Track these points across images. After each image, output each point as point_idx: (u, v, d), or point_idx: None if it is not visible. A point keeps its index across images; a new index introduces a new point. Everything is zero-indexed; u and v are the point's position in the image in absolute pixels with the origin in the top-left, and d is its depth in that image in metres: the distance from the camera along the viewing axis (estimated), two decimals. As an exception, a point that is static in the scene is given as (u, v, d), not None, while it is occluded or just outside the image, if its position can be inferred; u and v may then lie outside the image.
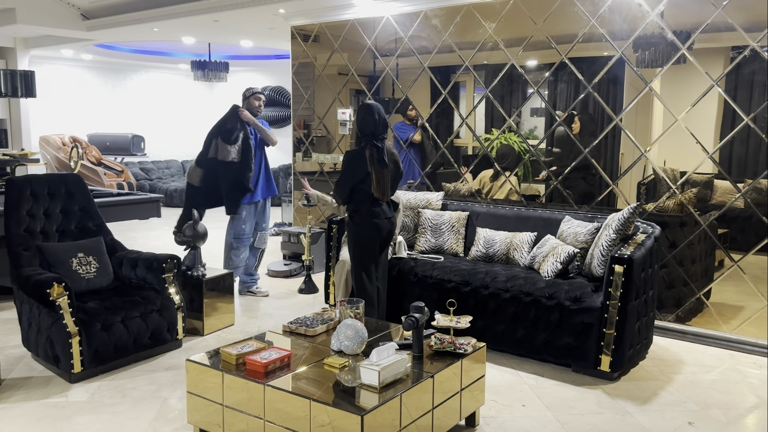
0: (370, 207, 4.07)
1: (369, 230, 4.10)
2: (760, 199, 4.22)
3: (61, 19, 8.10)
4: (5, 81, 8.69)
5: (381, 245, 4.21)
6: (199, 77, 10.18)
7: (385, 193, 4.08)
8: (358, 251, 4.16)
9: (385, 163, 4.03)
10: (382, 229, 4.12)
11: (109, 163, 11.27)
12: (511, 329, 4.05)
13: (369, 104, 4.11)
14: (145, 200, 6.17)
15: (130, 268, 4.26)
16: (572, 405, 3.45)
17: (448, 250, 4.88)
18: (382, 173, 4.04)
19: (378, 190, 4.03)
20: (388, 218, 4.14)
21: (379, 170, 4.03)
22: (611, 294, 3.66)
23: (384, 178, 4.05)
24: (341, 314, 3.33)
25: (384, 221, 4.12)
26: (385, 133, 4.08)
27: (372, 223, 4.08)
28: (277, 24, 7.13)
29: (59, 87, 11.85)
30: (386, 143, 4.11)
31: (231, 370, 2.81)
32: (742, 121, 4.23)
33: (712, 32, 4.29)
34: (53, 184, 4.34)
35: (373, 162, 4.01)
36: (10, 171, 7.46)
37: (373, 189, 4.02)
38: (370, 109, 4.06)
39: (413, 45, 5.82)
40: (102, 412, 3.33)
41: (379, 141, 4.04)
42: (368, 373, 2.62)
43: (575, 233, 4.24)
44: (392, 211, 4.23)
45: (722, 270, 4.43)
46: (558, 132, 5.13)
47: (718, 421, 3.28)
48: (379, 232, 4.12)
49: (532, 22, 5.03)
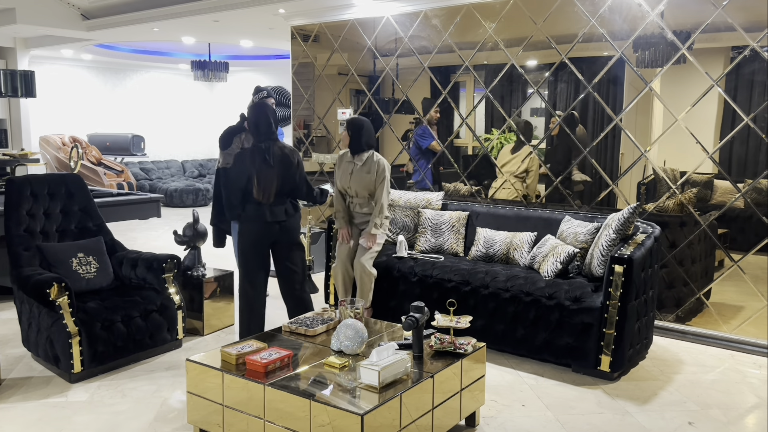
0: (253, 210, 3.91)
1: (248, 233, 3.95)
2: (760, 199, 4.22)
3: (61, 19, 8.10)
4: (5, 81, 8.69)
5: (274, 248, 4.01)
6: (199, 77, 10.19)
7: (267, 195, 3.87)
8: (239, 255, 4.04)
9: (269, 163, 3.87)
10: (266, 232, 3.92)
11: (109, 163, 11.27)
12: (511, 329, 4.05)
13: (257, 104, 4.06)
14: (145, 200, 6.17)
15: (130, 268, 4.26)
16: (572, 405, 3.45)
17: (448, 249, 4.88)
18: (266, 174, 3.87)
19: (258, 192, 3.87)
20: (277, 222, 3.91)
21: (264, 171, 3.86)
22: (611, 294, 3.66)
23: (267, 179, 3.86)
24: (341, 314, 3.34)
25: (269, 225, 3.90)
26: (272, 134, 3.93)
27: (250, 227, 3.93)
28: (277, 24, 7.13)
29: (59, 87, 11.86)
30: (278, 143, 3.96)
31: (231, 370, 2.81)
32: (742, 121, 4.23)
33: (712, 32, 4.29)
34: (53, 184, 4.34)
35: (255, 163, 3.87)
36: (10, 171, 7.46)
37: (254, 191, 3.88)
38: (255, 109, 3.98)
39: (413, 45, 5.82)
40: (102, 412, 3.33)
41: (265, 142, 3.90)
42: (368, 373, 2.62)
43: (575, 233, 4.24)
44: (289, 214, 3.98)
45: (722, 270, 4.43)
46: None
47: (718, 421, 3.28)
48: (263, 236, 3.93)
49: (532, 22, 5.03)
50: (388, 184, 4.49)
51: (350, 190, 4.53)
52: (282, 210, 3.95)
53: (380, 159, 4.45)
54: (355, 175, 4.46)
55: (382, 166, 4.42)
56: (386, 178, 4.43)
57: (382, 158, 4.47)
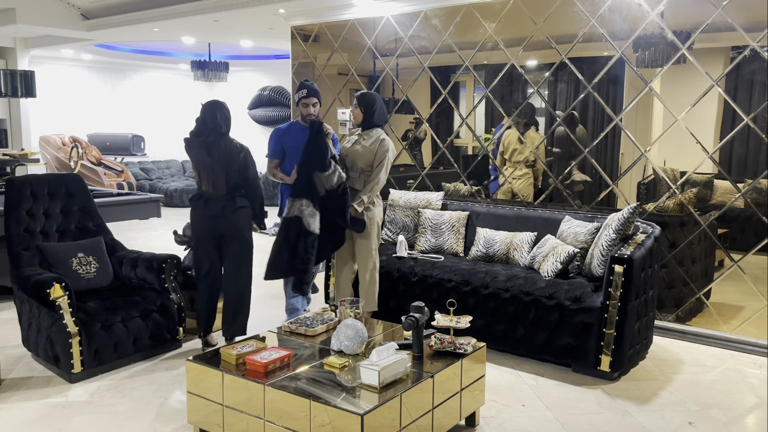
0: (197, 201, 4.13)
1: (194, 225, 4.16)
2: (760, 199, 4.22)
3: (61, 19, 8.10)
4: (5, 81, 8.70)
5: (220, 240, 4.09)
6: (199, 77, 10.19)
7: (214, 187, 4.04)
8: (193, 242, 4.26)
9: (213, 156, 4.01)
10: (211, 224, 4.06)
11: (109, 163, 11.27)
12: (511, 329, 4.05)
13: (208, 102, 4.19)
14: (145, 200, 6.17)
15: (130, 268, 4.26)
16: (572, 405, 3.45)
17: (448, 249, 4.88)
18: (210, 166, 4.02)
19: (205, 183, 4.07)
20: (214, 216, 4.03)
21: (208, 164, 4.03)
22: (611, 294, 3.66)
23: (211, 171, 4.03)
24: (341, 314, 3.34)
25: (211, 219, 4.04)
26: (218, 128, 4.05)
27: (196, 218, 4.14)
28: (277, 24, 7.13)
29: (59, 87, 11.86)
30: (226, 138, 4.08)
31: (231, 370, 2.81)
32: (742, 121, 4.23)
33: (712, 32, 4.29)
34: (53, 184, 4.34)
35: (198, 154, 4.07)
36: (10, 171, 7.47)
37: (198, 181, 4.13)
38: (205, 106, 4.15)
39: (413, 45, 5.82)
40: (102, 412, 3.33)
41: (210, 136, 4.04)
42: (368, 373, 2.62)
43: (575, 233, 4.24)
44: (231, 209, 4.05)
45: (722, 270, 4.43)
46: (558, 132, 5.13)
47: (718, 421, 3.29)
48: (209, 228, 4.07)
49: (532, 22, 5.03)
50: (388, 167, 4.31)
51: (347, 159, 4.36)
52: (221, 206, 4.05)
53: (387, 140, 4.30)
54: (357, 147, 4.32)
55: (385, 147, 4.26)
56: (387, 159, 4.28)
57: (389, 140, 4.32)
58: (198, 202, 4.11)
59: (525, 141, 5.31)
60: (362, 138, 4.36)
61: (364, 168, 4.32)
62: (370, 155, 4.29)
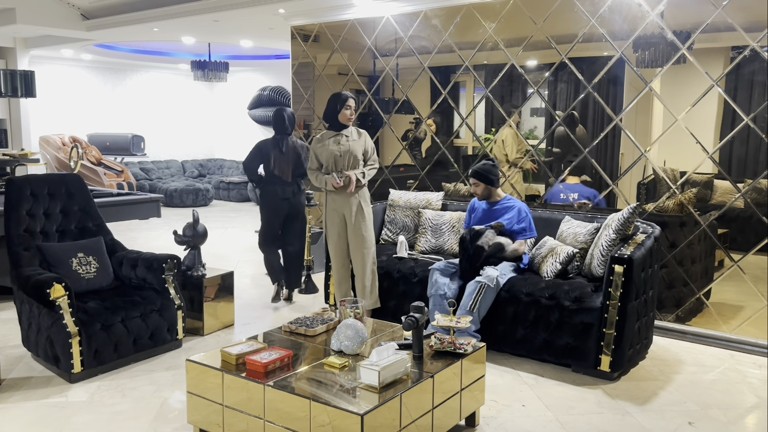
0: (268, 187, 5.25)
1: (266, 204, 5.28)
2: (760, 199, 4.22)
3: (61, 19, 8.10)
4: (5, 81, 8.69)
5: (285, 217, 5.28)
6: (199, 77, 10.18)
7: (282, 173, 5.17)
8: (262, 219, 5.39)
9: (281, 150, 5.16)
10: (281, 205, 5.22)
11: (109, 163, 11.27)
12: (510, 329, 4.05)
13: (276, 109, 5.25)
14: (145, 200, 6.17)
15: (130, 268, 4.26)
16: (572, 405, 3.45)
17: (449, 250, 4.87)
18: (280, 158, 5.16)
19: (278, 170, 5.17)
20: (286, 198, 5.19)
21: (278, 157, 5.16)
22: (611, 294, 3.66)
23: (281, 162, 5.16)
24: (341, 314, 3.34)
25: (282, 200, 5.20)
26: (286, 130, 5.20)
27: (268, 198, 5.25)
28: (277, 24, 7.13)
29: (59, 87, 11.86)
30: (292, 137, 5.27)
31: (231, 370, 2.81)
32: (742, 121, 4.23)
33: (712, 32, 4.29)
34: (53, 184, 4.34)
35: (271, 149, 5.19)
36: (10, 171, 7.46)
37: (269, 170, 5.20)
38: (274, 113, 5.26)
39: (413, 45, 5.82)
40: (102, 412, 3.33)
41: (280, 135, 5.20)
42: (368, 373, 2.62)
43: (575, 233, 4.24)
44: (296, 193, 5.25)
45: (722, 270, 4.43)
46: (558, 132, 5.13)
47: (718, 421, 3.28)
48: (279, 207, 5.22)
49: (532, 22, 5.03)
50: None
51: (341, 159, 4.42)
52: (291, 191, 5.21)
53: (363, 131, 4.64)
54: (348, 144, 4.45)
55: (366, 134, 4.63)
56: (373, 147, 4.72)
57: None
58: (274, 188, 5.17)
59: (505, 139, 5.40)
60: (344, 135, 4.49)
61: (358, 156, 4.54)
62: (361, 144, 4.56)
